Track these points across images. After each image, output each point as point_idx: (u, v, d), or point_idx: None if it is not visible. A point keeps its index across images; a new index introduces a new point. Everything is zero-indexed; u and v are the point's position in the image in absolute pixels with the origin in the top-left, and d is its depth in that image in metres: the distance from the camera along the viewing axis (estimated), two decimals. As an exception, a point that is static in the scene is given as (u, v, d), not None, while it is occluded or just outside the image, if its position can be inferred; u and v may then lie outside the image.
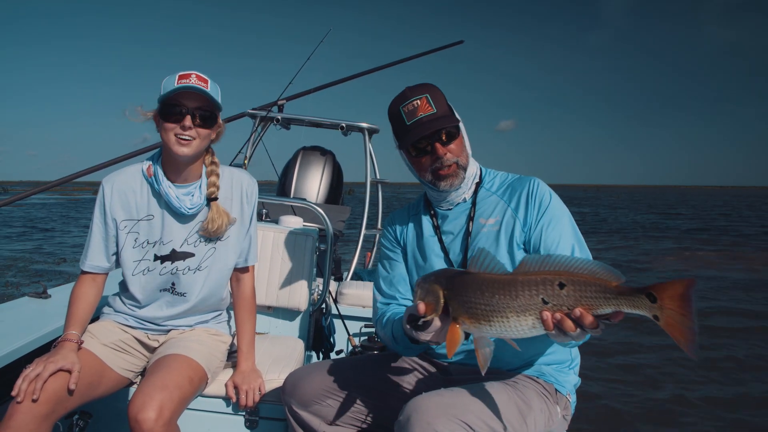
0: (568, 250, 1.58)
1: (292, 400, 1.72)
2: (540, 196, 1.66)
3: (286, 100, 3.80)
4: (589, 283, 1.07)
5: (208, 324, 2.05)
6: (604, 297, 1.06)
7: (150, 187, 1.88)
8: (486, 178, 1.78)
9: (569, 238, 1.60)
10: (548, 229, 1.61)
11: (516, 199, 1.69)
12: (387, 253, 1.89)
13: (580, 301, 1.08)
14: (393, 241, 1.88)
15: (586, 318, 1.08)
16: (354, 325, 3.27)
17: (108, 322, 1.94)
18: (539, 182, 1.70)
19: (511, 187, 1.73)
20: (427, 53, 4.54)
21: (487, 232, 1.69)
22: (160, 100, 1.77)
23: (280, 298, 2.71)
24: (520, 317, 1.14)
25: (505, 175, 1.79)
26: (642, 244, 15.95)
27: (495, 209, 1.70)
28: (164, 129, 1.78)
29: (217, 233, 1.91)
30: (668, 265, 11.79)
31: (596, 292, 1.07)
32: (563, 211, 1.66)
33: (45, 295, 2.49)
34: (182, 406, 1.72)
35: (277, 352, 2.32)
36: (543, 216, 1.63)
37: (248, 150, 3.95)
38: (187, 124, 1.76)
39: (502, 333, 1.19)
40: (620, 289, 1.06)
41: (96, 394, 1.75)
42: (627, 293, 1.05)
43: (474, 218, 1.72)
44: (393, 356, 1.84)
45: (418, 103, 1.63)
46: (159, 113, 1.79)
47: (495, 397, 1.49)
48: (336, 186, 4.17)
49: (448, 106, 1.67)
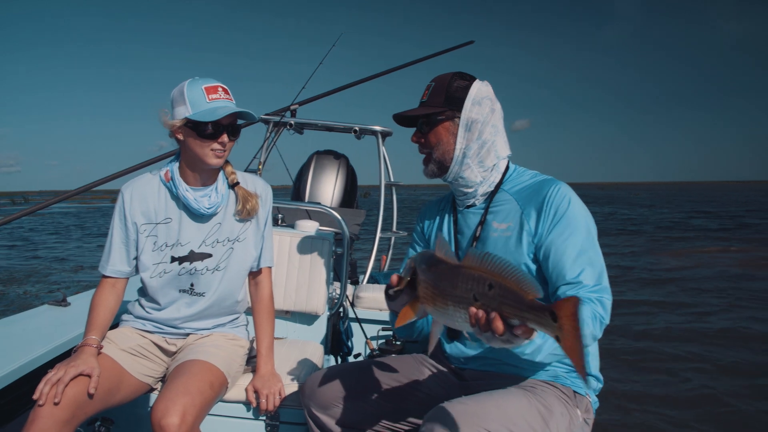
0: (577, 267, 1.48)
1: (311, 402, 1.72)
2: (557, 203, 1.56)
3: (299, 105, 3.80)
4: (511, 290, 1.05)
5: (225, 328, 2.05)
6: (518, 307, 1.04)
7: (168, 192, 1.92)
8: (510, 178, 1.71)
9: (581, 253, 1.50)
10: (559, 241, 1.52)
11: (531, 205, 1.60)
12: (413, 245, 1.92)
13: (501, 306, 1.06)
14: (420, 234, 1.91)
15: (496, 323, 1.05)
16: (371, 329, 3.26)
17: (126, 329, 1.96)
18: (560, 187, 1.60)
19: (531, 190, 1.64)
20: (438, 54, 4.52)
21: (497, 237, 1.63)
22: (192, 118, 1.78)
23: (297, 302, 2.71)
24: (456, 307, 1.13)
25: (533, 176, 1.71)
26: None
27: (510, 214, 1.64)
28: (198, 144, 1.81)
29: (254, 210, 1.97)
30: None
31: (513, 301, 1.05)
32: (580, 222, 1.55)
33: (64, 303, 2.51)
34: (204, 411, 1.72)
35: (296, 357, 2.32)
36: (556, 225, 1.54)
37: (262, 155, 3.96)
38: (225, 140, 1.84)
39: (446, 319, 1.18)
40: (532, 303, 1.03)
41: (116, 400, 1.76)
42: (535, 308, 1.02)
43: (485, 222, 1.68)
44: (411, 360, 1.83)
45: (426, 88, 1.71)
46: (193, 128, 1.80)
47: (516, 403, 1.47)
48: (350, 189, 4.17)
49: (447, 99, 1.65)
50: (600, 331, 1.43)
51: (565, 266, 1.50)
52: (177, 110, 1.81)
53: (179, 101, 1.81)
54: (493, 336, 1.06)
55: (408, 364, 1.80)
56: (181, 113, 1.80)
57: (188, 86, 1.80)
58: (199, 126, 1.79)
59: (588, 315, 1.39)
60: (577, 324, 0.96)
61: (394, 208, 4.83)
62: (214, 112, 1.78)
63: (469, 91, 1.65)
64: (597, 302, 1.44)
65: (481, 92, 1.66)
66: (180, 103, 1.80)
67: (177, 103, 1.81)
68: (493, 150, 1.68)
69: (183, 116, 1.79)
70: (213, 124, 1.80)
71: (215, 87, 1.82)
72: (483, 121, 1.65)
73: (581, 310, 0.98)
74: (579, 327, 0.96)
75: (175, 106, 1.82)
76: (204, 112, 1.78)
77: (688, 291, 8.63)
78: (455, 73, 1.68)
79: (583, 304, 0.96)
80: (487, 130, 1.66)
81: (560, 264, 1.51)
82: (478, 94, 1.66)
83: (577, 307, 0.96)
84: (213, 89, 1.81)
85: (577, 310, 0.96)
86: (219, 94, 1.82)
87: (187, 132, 1.82)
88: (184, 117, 1.79)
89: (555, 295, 1.50)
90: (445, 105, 1.65)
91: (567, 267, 1.50)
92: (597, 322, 1.41)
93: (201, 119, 1.78)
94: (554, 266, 1.52)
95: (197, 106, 1.79)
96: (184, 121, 1.80)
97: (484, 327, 1.07)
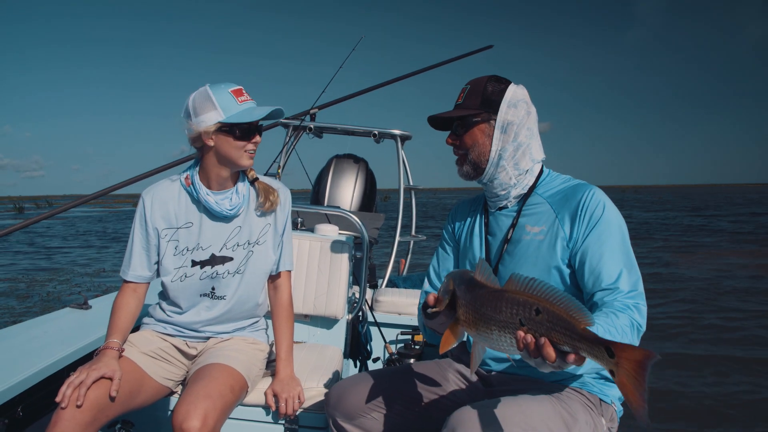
0: (614, 272, 1.48)
1: (337, 412, 1.69)
2: (592, 208, 1.55)
3: (318, 109, 3.81)
4: (561, 317, 1.06)
5: (245, 332, 2.05)
6: (569, 335, 1.05)
7: (188, 196, 1.93)
8: (543, 182, 1.70)
9: (617, 258, 1.49)
10: (595, 246, 1.51)
11: (566, 209, 1.59)
12: (443, 244, 1.90)
13: (550, 331, 1.07)
14: (450, 233, 1.90)
15: (547, 349, 1.06)
16: (390, 333, 3.25)
17: (147, 332, 1.97)
18: (595, 192, 1.59)
19: (565, 195, 1.64)
20: (456, 59, 4.51)
21: (529, 240, 1.62)
22: (227, 121, 1.80)
23: (317, 306, 2.71)
24: (501, 332, 1.14)
25: (566, 180, 1.71)
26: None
27: (543, 218, 1.63)
28: (234, 146, 1.83)
29: (275, 204, 1.99)
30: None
31: (564, 328, 1.06)
32: (616, 227, 1.54)
33: (86, 306, 2.54)
34: (225, 414, 1.72)
35: (316, 361, 2.31)
36: (592, 231, 1.53)
37: (282, 159, 3.98)
38: (258, 140, 1.89)
39: (489, 343, 1.19)
40: (585, 332, 1.05)
41: (136, 403, 1.76)
42: (589, 339, 1.04)
43: (517, 225, 1.67)
44: (435, 365, 1.81)
45: (461, 90, 1.71)
46: (227, 132, 1.82)
47: (539, 409, 1.44)
48: (369, 193, 4.16)
49: (483, 102, 1.64)
50: (638, 340, 1.42)
51: (601, 272, 1.49)
52: (206, 116, 1.80)
53: (207, 107, 1.80)
54: (544, 362, 1.08)
55: (432, 371, 1.78)
56: (213, 118, 1.80)
57: (214, 91, 1.81)
58: (234, 129, 1.81)
59: (626, 324, 1.37)
60: (644, 375, 0.98)
61: (413, 211, 4.82)
62: (251, 113, 1.81)
63: (505, 93, 1.65)
64: (634, 309, 1.43)
65: (516, 95, 1.66)
66: (209, 108, 1.80)
67: (204, 109, 1.80)
68: (528, 153, 1.67)
69: (215, 121, 1.80)
70: (247, 127, 1.83)
71: (239, 89, 1.85)
72: (519, 124, 1.65)
73: (649, 362, 0.99)
74: (644, 378, 0.98)
75: (202, 113, 1.81)
76: (239, 113, 1.80)
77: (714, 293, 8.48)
78: (491, 76, 1.68)
79: (650, 358, 0.98)
80: (523, 133, 1.66)
81: (597, 269, 1.50)
82: (514, 96, 1.65)
83: (649, 361, 0.98)
84: (239, 92, 1.84)
85: (648, 363, 0.98)
86: (246, 96, 1.85)
87: (221, 136, 1.82)
88: (217, 122, 1.80)
89: (591, 301, 1.50)
90: (481, 107, 1.64)
91: (603, 272, 1.49)
92: (635, 331, 1.40)
93: (239, 120, 1.80)
94: (591, 272, 1.51)
95: (230, 109, 1.80)
96: (218, 125, 1.81)
97: (533, 353, 1.08)
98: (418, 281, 4.05)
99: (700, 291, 8.84)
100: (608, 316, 1.37)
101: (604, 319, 1.35)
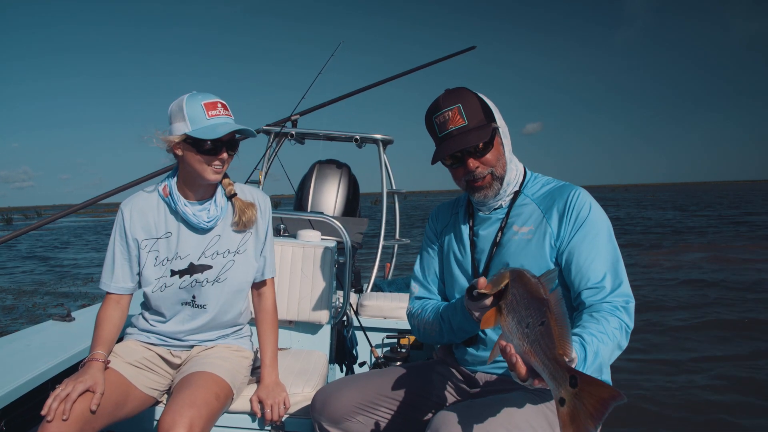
0: (600, 271, 1.51)
1: (322, 417, 1.70)
2: (578, 208, 1.59)
3: (300, 115, 3.83)
4: (551, 335, 1.07)
5: (228, 339, 2.06)
6: (545, 353, 1.06)
7: (167, 206, 1.94)
8: (528, 183, 1.73)
9: (603, 257, 1.53)
10: (582, 246, 1.54)
11: (553, 208, 1.62)
12: (426, 247, 1.90)
13: (533, 344, 1.09)
14: (432, 236, 1.89)
15: (519, 367, 1.13)
16: (376, 337, 3.27)
17: (131, 342, 1.97)
18: (580, 193, 1.62)
19: (550, 195, 1.67)
20: (439, 61, 4.53)
21: (518, 240, 1.64)
22: (192, 134, 1.78)
23: (301, 312, 2.73)
24: (518, 327, 1.17)
25: (549, 181, 1.73)
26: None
27: (531, 217, 1.65)
28: (198, 160, 1.82)
29: (251, 222, 1.98)
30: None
31: (546, 346, 1.07)
32: (602, 227, 1.58)
33: (69, 318, 2.53)
34: (211, 422, 1.73)
35: (301, 366, 2.33)
36: (579, 230, 1.56)
37: (264, 166, 3.99)
38: (224, 157, 1.85)
39: (510, 338, 1.21)
40: (558, 357, 1.05)
41: (122, 413, 1.77)
42: (558, 362, 1.04)
43: (506, 227, 1.68)
44: (421, 368, 1.83)
45: (449, 114, 1.58)
46: (192, 145, 1.80)
47: (524, 407, 1.47)
48: (352, 198, 4.19)
49: (484, 113, 1.60)
50: (626, 341, 1.45)
51: (588, 271, 1.52)
52: (176, 126, 1.81)
53: (178, 117, 1.81)
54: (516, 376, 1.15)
55: (418, 373, 1.80)
56: (180, 129, 1.80)
57: (187, 102, 1.80)
58: (198, 143, 1.80)
59: (616, 327, 1.41)
60: (602, 414, 0.97)
61: (397, 215, 4.85)
62: (214, 130, 1.78)
63: (484, 98, 1.64)
64: (622, 309, 1.46)
65: (488, 100, 1.67)
66: (179, 119, 1.80)
67: (175, 118, 1.81)
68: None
69: (182, 132, 1.79)
70: (213, 141, 1.80)
71: (214, 103, 1.82)
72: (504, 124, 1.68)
73: (613, 403, 0.98)
74: (601, 418, 0.97)
75: (174, 122, 1.82)
76: (204, 128, 1.78)
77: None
78: (464, 89, 1.64)
79: (615, 399, 0.98)
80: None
81: (583, 268, 1.53)
82: (487, 99, 1.66)
83: (613, 401, 0.97)
84: (212, 105, 1.81)
85: (611, 404, 0.97)
86: (218, 110, 1.82)
87: (186, 148, 1.82)
88: (183, 133, 1.79)
89: (579, 299, 1.52)
90: (488, 120, 1.61)
91: (590, 271, 1.52)
92: (623, 332, 1.43)
93: (201, 136, 1.78)
94: (577, 271, 1.54)
95: (197, 122, 1.79)
96: (183, 137, 1.80)
97: (510, 366, 1.14)
98: (404, 285, 4.07)
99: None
100: (599, 322, 1.39)
101: (595, 325, 1.37)
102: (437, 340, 1.77)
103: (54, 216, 2.83)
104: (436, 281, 1.86)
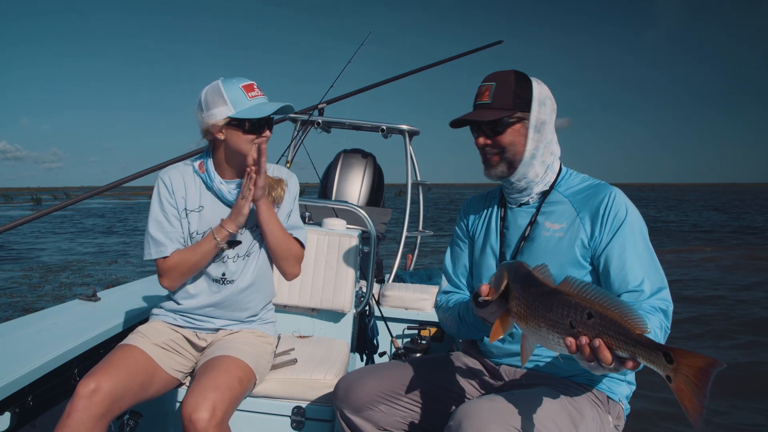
0: (640, 275, 1.49)
1: (345, 405, 1.70)
2: (615, 210, 1.56)
3: (327, 104, 3.82)
4: (615, 322, 1.07)
5: (254, 324, 2.08)
6: (624, 340, 1.06)
7: (202, 182, 1.99)
8: (563, 180, 1.70)
9: (641, 262, 1.51)
10: (619, 249, 1.52)
11: (588, 208, 1.59)
12: (456, 241, 1.89)
13: (602, 335, 1.09)
14: (463, 229, 1.88)
15: (602, 352, 1.07)
16: (397, 327, 3.27)
17: (158, 323, 1.99)
18: (617, 194, 1.59)
19: (586, 194, 1.64)
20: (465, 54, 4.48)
21: (549, 236, 1.62)
22: (237, 116, 1.85)
23: (324, 300, 2.74)
24: (550, 330, 1.16)
25: (585, 179, 1.70)
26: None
27: (564, 215, 1.62)
28: (243, 140, 1.89)
29: (280, 198, 2.02)
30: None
31: (617, 333, 1.07)
32: (638, 230, 1.56)
33: (94, 298, 2.57)
34: (233, 406, 1.75)
35: (323, 354, 2.34)
36: (616, 234, 1.53)
37: (290, 153, 4.00)
38: (269, 134, 1.94)
39: (538, 339, 1.21)
40: (640, 338, 1.05)
41: (148, 394, 1.80)
42: (645, 344, 1.04)
43: (535, 222, 1.66)
44: (444, 359, 1.82)
45: (483, 89, 1.64)
46: (237, 126, 1.87)
47: (547, 404, 1.45)
48: (377, 188, 4.18)
49: (515, 100, 1.60)
50: (664, 341, 1.43)
51: (627, 274, 1.50)
52: (217, 110, 1.87)
53: (218, 102, 1.86)
54: (600, 365, 1.09)
55: (440, 364, 1.79)
56: (223, 113, 1.86)
57: (225, 86, 1.87)
58: (243, 123, 1.86)
59: (657, 326, 1.39)
60: (707, 383, 0.97)
61: (421, 207, 4.84)
62: (260, 109, 1.87)
63: (533, 91, 1.62)
64: (661, 311, 1.45)
65: (543, 92, 1.64)
66: (219, 103, 1.86)
67: (215, 104, 1.87)
68: (550, 149, 1.67)
69: (226, 115, 1.86)
70: (258, 120, 1.88)
71: (251, 85, 1.91)
72: (548, 122, 1.65)
73: (713, 370, 0.98)
74: (706, 386, 0.97)
75: (213, 107, 1.87)
76: (249, 109, 1.86)
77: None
78: (514, 72, 1.64)
79: (715, 366, 0.98)
80: (549, 129, 1.66)
81: (622, 272, 1.51)
82: (541, 94, 1.63)
83: (713, 369, 0.97)
84: (250, 87, 1.90)
85: (712, 371, 0.97)
86: (256, 91, 1.91)
87: (231, 130, 1.88)
88: (227, 116, 1.86)
89: None
90: (514, 107, 1.61)
91: (629, 275, 1.50)
92: (662, 332, 1.42)
93: (248, 116, 1.86)
94: (616, 274, 1.52)
95: (240, 104, 1.86)
96: (227, 120, 1.86)
97: (588, 356, 1.10)
98: (425, 276, 4.06)
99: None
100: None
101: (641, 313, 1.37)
102: (460, 335, 1.76)
103: (81, 196, 2.86)
104: (466, 275, 1.84)
